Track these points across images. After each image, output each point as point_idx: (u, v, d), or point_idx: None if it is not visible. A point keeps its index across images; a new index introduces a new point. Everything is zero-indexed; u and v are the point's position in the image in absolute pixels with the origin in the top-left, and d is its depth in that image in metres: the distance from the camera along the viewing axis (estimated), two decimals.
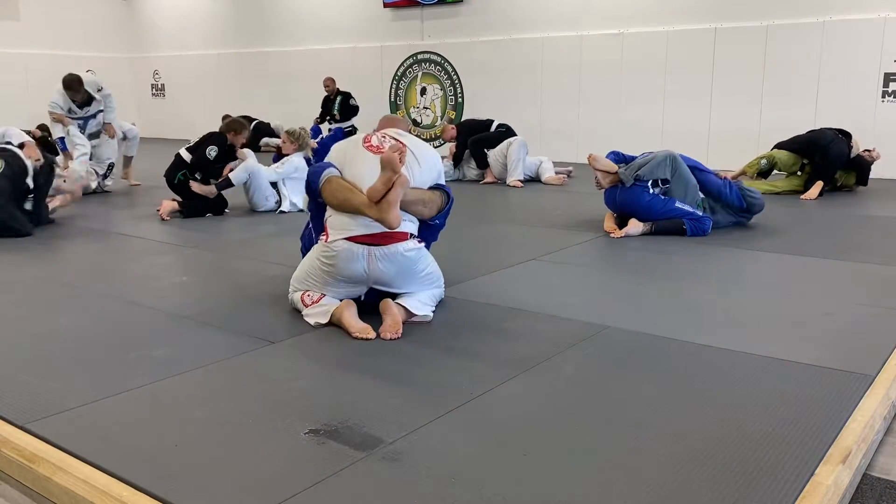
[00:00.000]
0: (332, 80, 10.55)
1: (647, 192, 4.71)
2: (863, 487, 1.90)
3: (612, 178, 4.79)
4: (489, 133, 7.78)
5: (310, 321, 2.94)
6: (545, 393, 2.29)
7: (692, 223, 4.72)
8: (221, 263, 4.06)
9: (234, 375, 2.46)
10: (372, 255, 2.87)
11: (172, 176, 5.75)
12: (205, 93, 13.35)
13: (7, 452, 1.95)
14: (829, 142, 6.42)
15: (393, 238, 2.89)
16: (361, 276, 2.92)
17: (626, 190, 4.75)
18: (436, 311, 3.07)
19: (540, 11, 9.66)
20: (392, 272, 2.92)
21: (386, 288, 3.01)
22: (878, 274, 3.76)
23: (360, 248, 2.86)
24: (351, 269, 2.89)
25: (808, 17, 7.89)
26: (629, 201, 4.78)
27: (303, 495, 1.69)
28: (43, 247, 4.60)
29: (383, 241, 2.88)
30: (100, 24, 14.01)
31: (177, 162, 5.78)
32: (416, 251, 2.97)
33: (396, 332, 2.80)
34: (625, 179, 4.71)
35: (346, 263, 2.88)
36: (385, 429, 2.01)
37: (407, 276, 2.98)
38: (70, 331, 2.94)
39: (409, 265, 2.95)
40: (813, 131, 6.69)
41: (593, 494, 1.69)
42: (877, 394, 2.25)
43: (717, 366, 2.50)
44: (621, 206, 4.85)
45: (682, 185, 4.76)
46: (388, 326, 2.81)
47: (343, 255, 2.87)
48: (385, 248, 2.88)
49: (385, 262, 2.89)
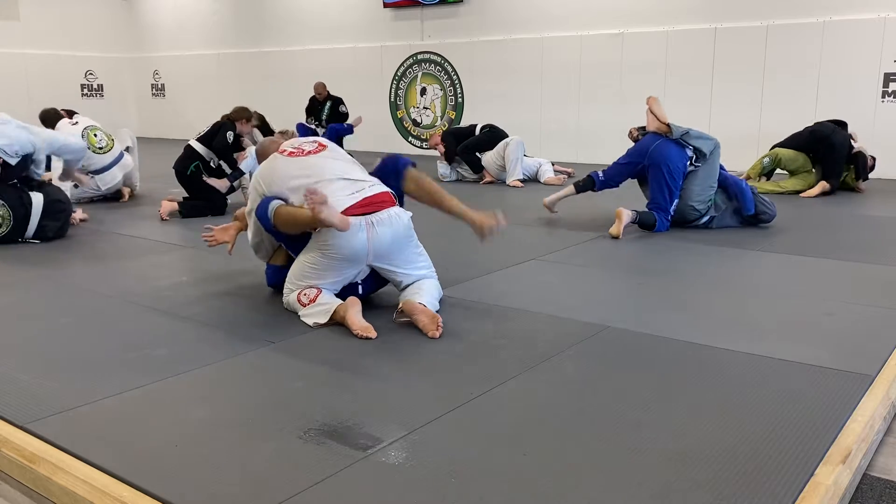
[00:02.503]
0: (323, 84, 10.52)
1: (684, 155, 4.79)
2: (863, 487, 1.90)
3: (660, 126, 4.89)
4: (476, 137, 7.76)
5: (308, 322, 2.93)
6: (545, 393, 2.29)
7: (662, 217, 4.83)
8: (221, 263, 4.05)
9: (234, 375, 2.47)
10: (370, 223, 2.92)
11: (184, 168, 5.71)
12: (205, 93, 13.35)
13: (7, 452, 1.95)
14: (831, 132, 6.44)
15: (384, 203, 2.99)
16: (363, 248, 2.94)
17: (666, 143, 4.82)
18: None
19: (540, 11, 9.66)
20: (390, 236, 2.98)
21: (385, 264, 3.04)
22: (879, 274, 3.76)
23: (356, 219, 2.90)
24: (353, 243, 2.91)
25: (808, 17, 7.89)
26: (663, 154, 4.81)
27: (303, 495, 1.69)
28: (43, 247, 4.60)
29: (377, 207, 2.96)
30: (100, 24, 14.01)
31: (189, 153, 5.74)
32: (406, 215, 3.06)
33: (438, 325, 2.81)
34: (675, 130, 4.81)
35: (348, 239, 2.90)
36: (385, 429, 2.01)
37: (402, 245, 3.05)
38: (70, 331, 2.94)
39: (403, 230, 3.03)
40: (809, 126, 6.69)
41: (593, 494, 1.69)
42: (877, 394, 2.25)
43: (717, 366, 2.50)
44: (651, 156, 4.86)
45: (707, 174, 4.84)
46: (430, 324, 2.81)
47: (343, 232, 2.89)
48: (379, 214, 2.95)
49: (383, 227, 2.95)
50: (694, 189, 4.86)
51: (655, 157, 4.84)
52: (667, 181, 4.80)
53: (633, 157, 5.03)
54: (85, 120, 6.52)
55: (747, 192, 4.93)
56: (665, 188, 4.81)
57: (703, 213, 4.92)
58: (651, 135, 4.96)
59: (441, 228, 4.02)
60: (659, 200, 4.85)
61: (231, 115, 5.92)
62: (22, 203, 4.63)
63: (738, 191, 4.93)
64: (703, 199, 4.88)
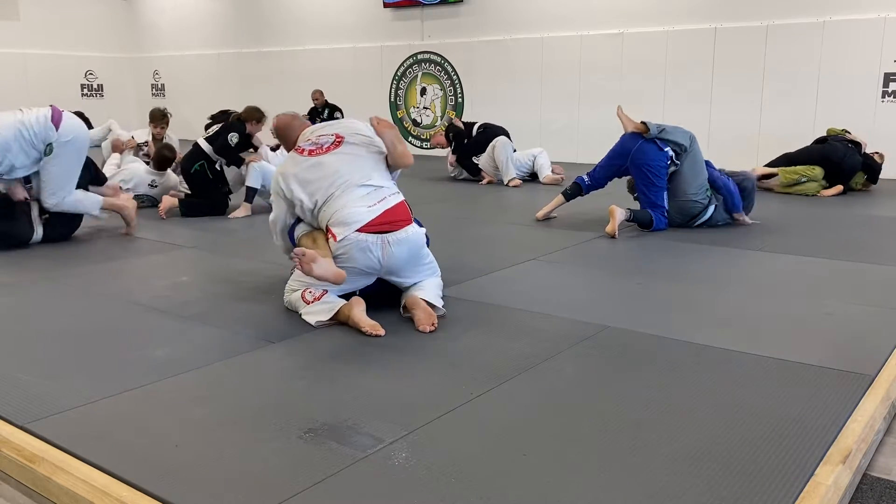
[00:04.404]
0: (320, 92, 10.55)
1: (664, 155, 4.85)
2: (863, 487, 1.90)
3: (637, 126, 5.00)
4: (471, 140, 7.78)
5: (310, 320, 2.92)
6: (545, 393, 2.29)
7: (658, 214, 4.87)
8: (221, 263, 4.05)
9: (234, 375, 2.46)
10: (385, 242, 2.91)
11: (189, 166, 5.70)
12: (205, 93, 13.33)
13: (7, 452, 1.95)
14: (842, 158, 6.53)
15: (402, 222, 2.96)
16: (377, 265, 2.94)
17: (644, 145, 4.90)
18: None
19: (540, 11, 9.66)
20: (405, 256, 2.97)
21: (394, 277, 3.05)
22: (879, 274, 3.76)
23: (373, 237, 2.89)
24: (366, 259, 2.92)
25: (808, 17, 7.88)
26: (643, 157, 4.89)
27: (303, 495, 1.69)
28: (44, 247, 4.60)
29: (393, 227, 2.93)
30: (100, 24, 14.01)
31: (195, 152, 5.72)
32: (421, 232, 3.05)
33: (433, 323, 2.84)
34: (651, 128, 4.90)
35: (362, 255, 2.90)
36: (385, 429, 2.01)
37: (415, 261, 3.05)
38: (70, 331, 2.93)
39: (417, 249, 3.02)
40: (825, 147, 6.70)
41: (593, 494, 1.69)
42: (877, 394, 2.24)
43: (717, 366, 2.50)
44: (632, 160, 4.94)
45: (692, 165, 4.91)
46: (424, 319, 2.84)
47: (357, 247, 2.89)
48: (396, 234, 2.93)
49: (398, 247, 2.93)
50: (687, 182, 4.91)
51: (636, 161, 4.94)
52: (652, 180, 4.89)
53: (615, 158, 5.13)
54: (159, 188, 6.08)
55: (735, 194, 4.99)
56: (652, 186, 4.90)
57: (706, 204, 4.93)
58: (630, 135, 5.04)
59: (442, 229, 4.03)
60: (650, 198, 4.92)
61: (242, 115, 5.85)
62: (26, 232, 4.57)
63: (727, 193, 4.98)
64: (699, 189, 4.92)
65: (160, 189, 6.05)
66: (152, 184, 6.05)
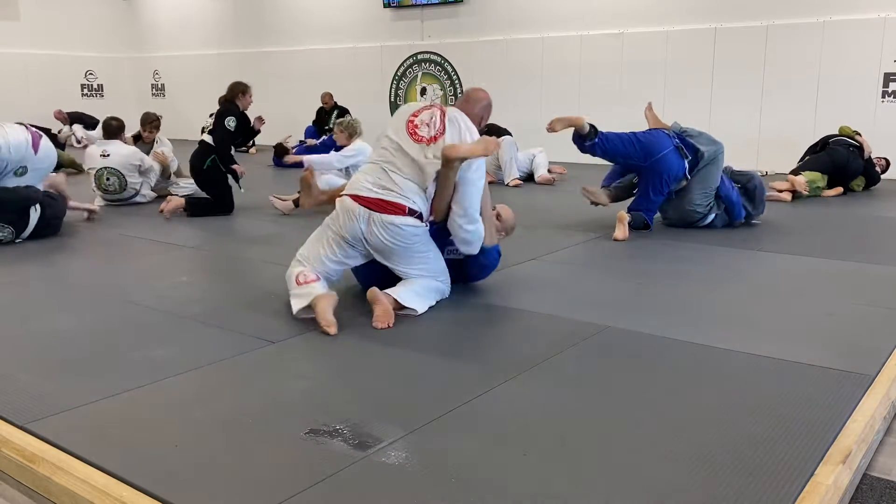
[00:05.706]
0: (330, 94, 10.57)
1: (683, 165, 4.82)
2: (863, 487, 1.90)
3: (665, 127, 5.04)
4: None
5: (293, 305, 2.97)
6: (545, 393, 2.29)
7: (650, 216, 4.91)
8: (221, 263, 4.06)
9: (234, 375, 2.46)
10: (372, 219, 2.98)
11: (201, 163, 5.66)
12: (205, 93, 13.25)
13: (7, 452, 1.95)
14: (846, 163, 6.58)
15: (392, 209, 2.99)
16: (359, 236, 3.01)
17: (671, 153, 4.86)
18: (436, 310, 3.07)
19: (540, 11, 9.66)
20: (387, 243, 3.01)
21: (385, 261, 3.10)
22: (879, 274, 3.76)
23: (362, 209, 2.99)
24: (351, 227, 3.01)
25: (808, 17, 7.88)
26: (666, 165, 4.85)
27: (303, 495, 1.69)
28: (43, 246, 4.60)
29: (383, 209, 2.98)
30: (100, 24, 14.01)
31: (203, 148, 5.70)
32: (413, 228, 3.03)
33: (387, 322, 2.86)
34: (674, 127, 4.96)
35: (348, 220, 3.01)
36: (385, 429, 2.01)
37: (403, 253, 3.07)
38: (70, 331, 2.93)
39: (405, 240, 3.03)
40: (829, 152, 6.69)
41: (593, 494, 1.69)
42: (877, 394, 2.25)
43: (717, 366, 2.50)
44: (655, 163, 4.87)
45: (703, 178, 4.89)
46: (379, 316, 2.89)
47: (347, 211, 3.01)
48: (384, 216, 2.97)
49: (381, 230, 2.98)
50: (693, 193, 4.90)
51: (658, 166, 4.87)
52: (661, 188, 4.89)
53: (638, 154, 4.95)
54: (112, 157, 6.04)
55: (737, 204, 4.99)
56: (658, 194, 4.91)
57: (705, 213, 4.93)
58: (657, 131, 5.02)
59: None
60: (650, 199, 4.91)
61: (227, 96, 5.80)
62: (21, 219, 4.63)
63: (729, 203, 4.97)
64: (703, 202, 4.92)
65: (114, 159, 5.97)
66: (104, 153, 5.99)
